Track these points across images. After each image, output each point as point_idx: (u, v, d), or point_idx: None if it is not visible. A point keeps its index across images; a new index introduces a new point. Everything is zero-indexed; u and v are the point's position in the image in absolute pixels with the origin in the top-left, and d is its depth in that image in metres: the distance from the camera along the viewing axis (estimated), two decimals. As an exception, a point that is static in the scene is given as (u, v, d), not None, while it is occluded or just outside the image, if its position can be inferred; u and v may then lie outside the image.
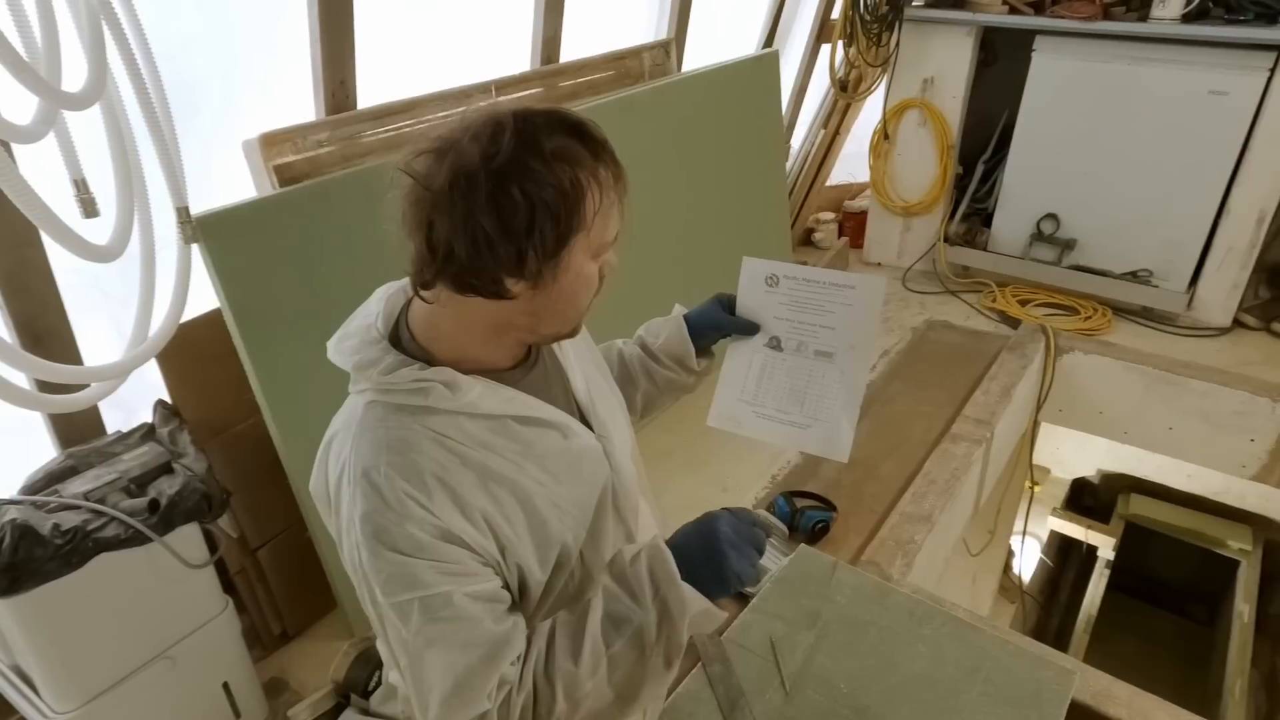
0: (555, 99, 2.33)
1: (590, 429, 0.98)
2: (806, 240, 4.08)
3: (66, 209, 1.25)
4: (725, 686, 1.49)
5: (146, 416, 1.68)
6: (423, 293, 0.84)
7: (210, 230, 1.50)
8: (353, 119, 1.82)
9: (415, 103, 1.94)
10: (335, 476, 0.84)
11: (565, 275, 0.82)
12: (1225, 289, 3.07)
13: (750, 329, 1.22)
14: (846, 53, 3.35)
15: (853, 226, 4.04)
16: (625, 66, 2.59)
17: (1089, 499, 4.68)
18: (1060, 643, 4.18)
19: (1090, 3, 2.97)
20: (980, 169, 3.58)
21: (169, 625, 1.55)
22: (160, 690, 1.54)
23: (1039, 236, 3.33)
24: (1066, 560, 4.97)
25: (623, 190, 0.85)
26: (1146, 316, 3.23)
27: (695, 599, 0.86)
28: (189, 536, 1.51)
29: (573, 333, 0.92)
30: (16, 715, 1.52)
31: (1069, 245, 3.28)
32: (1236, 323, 3.13)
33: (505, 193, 0.75)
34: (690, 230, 2.72)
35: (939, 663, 1.53)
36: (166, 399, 1.71)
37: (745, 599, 1.75)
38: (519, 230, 0.76)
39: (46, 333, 1.47)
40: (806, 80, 3.59)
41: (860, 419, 1.19)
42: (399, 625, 0.80)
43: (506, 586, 0.87)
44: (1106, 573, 4.32)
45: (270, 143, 1.67)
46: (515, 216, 0.76)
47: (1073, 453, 4.54)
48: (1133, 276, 3.19)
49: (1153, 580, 4.78)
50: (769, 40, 3.27)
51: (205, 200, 1.52)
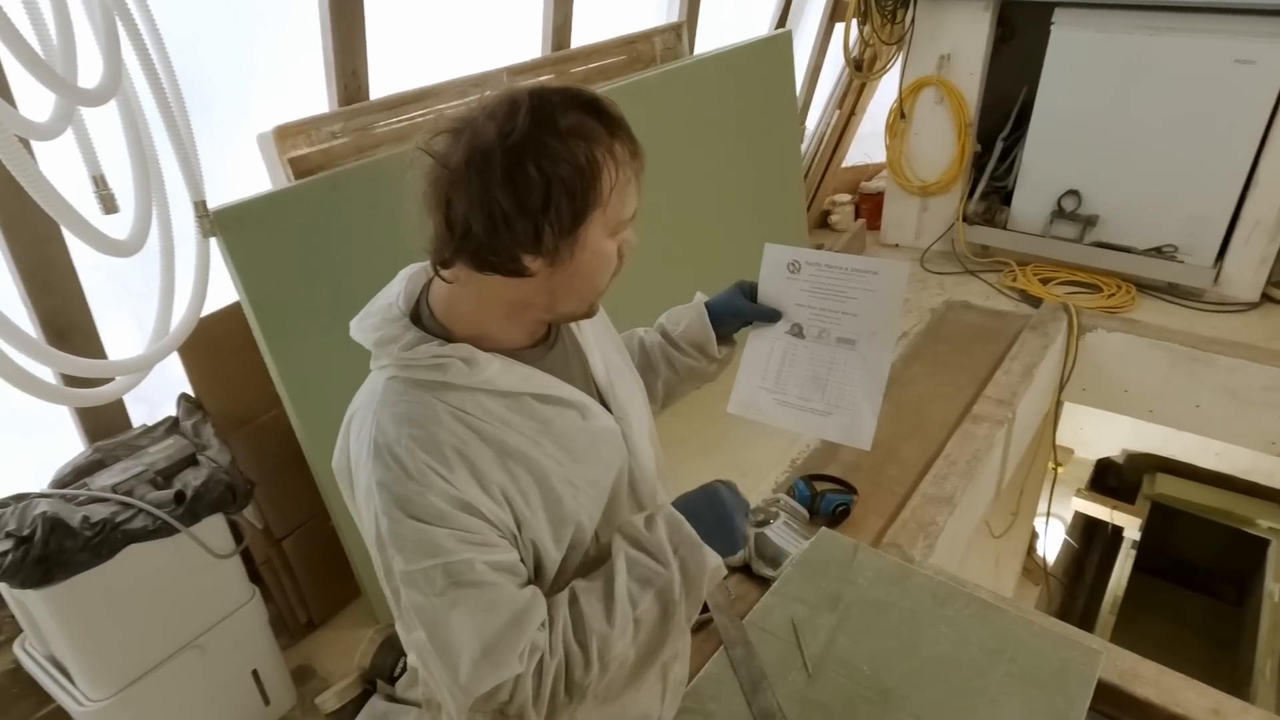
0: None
1: (609, 411, 0.98)
2: (823, 223, 4.04)
3: (86, 205, 1.26)
4: (747, 669, 1.49)
5: (170, 410, 1.71)
6: (442, 272, 0.84)
7: (227, 224, 1.51)
8: (366, 109, 1.83)
9: (428, 92, 1.94)
10: (356, 450, 0.85)
11: (583, 253, 0.82)
12: (1253, 263, 3.01)
13: (772, 316, 1.21)
14: (861, 31, 3.30)
15: (869, 208, 4.00)
16: (637, 51, 2.57)
17: (1114, 479, 4.63)
18: (1086, 625, 4.14)
19: (1111, -27, 2.90)
20: (999, 146, 3.52)
21: (198, 614, 1.58)
22: (191, 678, 1.57)
23: (1060, 213, 3.28)
24: (1091, 541, 4.92)
25: (640, 167, 0.85)
26: (1172, 293, 3.17)
27: (711, 556, 0.92)
28: (215, 527, 1.53)
29: (590, 311, 0.92)
30: (53, 704, 1.56)
31: (1091, 222, 3.22)
32: (1265, 297, 3.07)
33: (521, 169, 0.76)
34: (705, 214, 2.71)
35: (962, 644, 1.52)
36: (189, 392, 1.73)
37: (766, 583, 1.75)
38: (535, 207, 0.77)
39: (70, 328, 1.49)
40: (820, 60, 3.54)
41: (883, 393, 1.18)
42: (422, 592, 0.81)
43: (523, 561, 0.88)
44: (1133, 553, 4.27)
45: (284, 135, 1.67)
46: (531, 193, 0.76)
47: (1097, 432, 4.48)
48: (1157, 252, 3.13)
49: (1180, 560, 4.72)
50: (782, 20, 3.23)
51: (222, 194, 1.54)
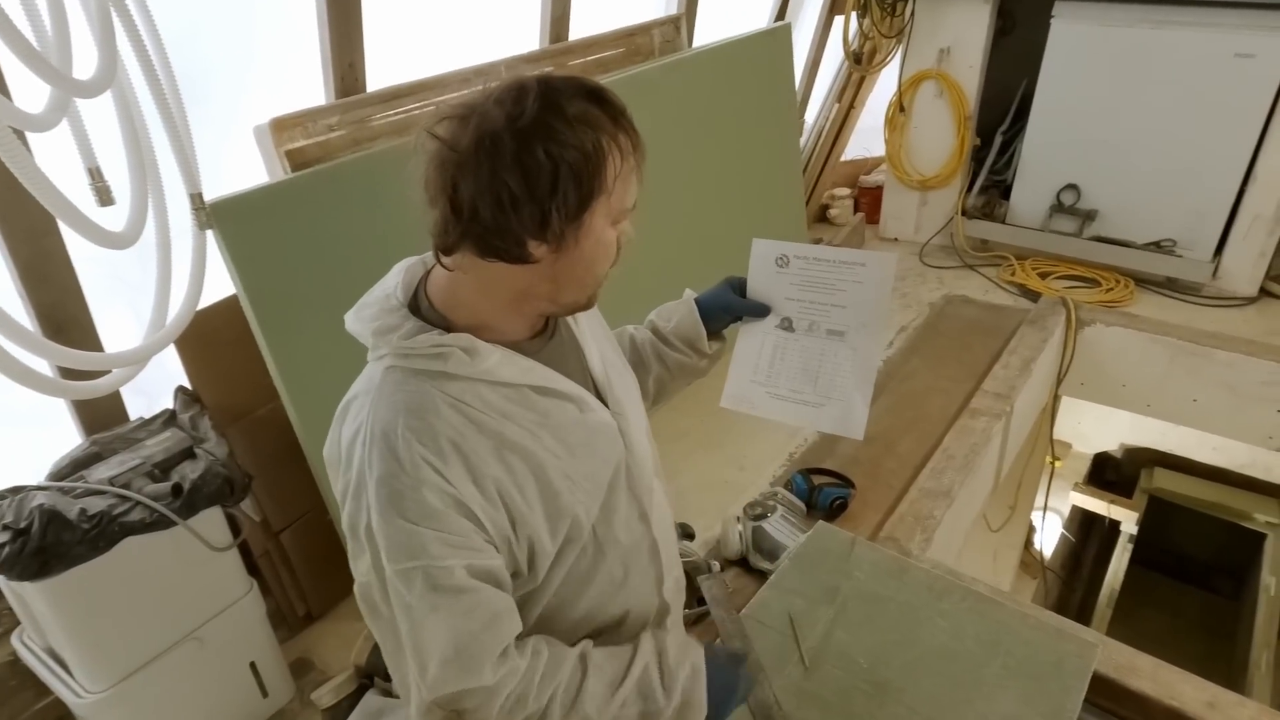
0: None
1: (606, 406, 0.98)
2: (822, 217, 4.03)
3: (82, 198, 1.26)
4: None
5: (168, 403, 1.70)
6: (445, 259, 0.84)
7: (224, 216, 1.51)
8: (363, 102, 1.82)
9: (425, 84, 1.94)
10: (350, 435, 0.85)
11: (587, 239, 0.83)
12: (1252, 257, 3.00)
13: (761, 310, 1.22)
14: (860, 24, 3.29)
15: (868, 202, 4.00)
16: (635, 43, 2.57)
17: (1111, 473, 4.64)
18: (1083, 618, 4.16)
19: (1111, -35, 2.89)
20: (998, 140, 3.52)
21: (196, 607, 1.58)
22: (189, 670, 1.57)
23: (1059, 208, 3.27)
24: (1089, 535, 4.93)
25: (641, 159, 0.85)
26: (1170, 287, 3.17)
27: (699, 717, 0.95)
28: (212, 520, 1.54)
29: (590, 302, 0.92)
30: (51, 696, 1.56)
31: (1090, 216, 3.22)
32: (1263, 292, 3.07)
33: (530, 153, 0.76)
34: (704, 208, 2.70)
35: (959, 637, 1.53)
36: (187, 385, 1.73)
37: (764, 576, 1.75)
38: (543, 190, 0.77)
39: (67, 321, 1.49)
40: (820, 53, 3.53)
41: (878, 395, 1.19)
42: (402, 590, 0.81)
43: (509, 566, 0.88)
44: (1130, 547, 4.29)
45: (281, 128, 1.67)
46: (540, 177, 0.76)
47: (1094, 427, 4.49)
48: (1156, 247, 3.13)
49: (1177, 554, 4.74)
50: (781, 13, 3.22)
51: (218, 187, 1.53)
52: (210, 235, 1.52)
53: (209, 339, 1.67)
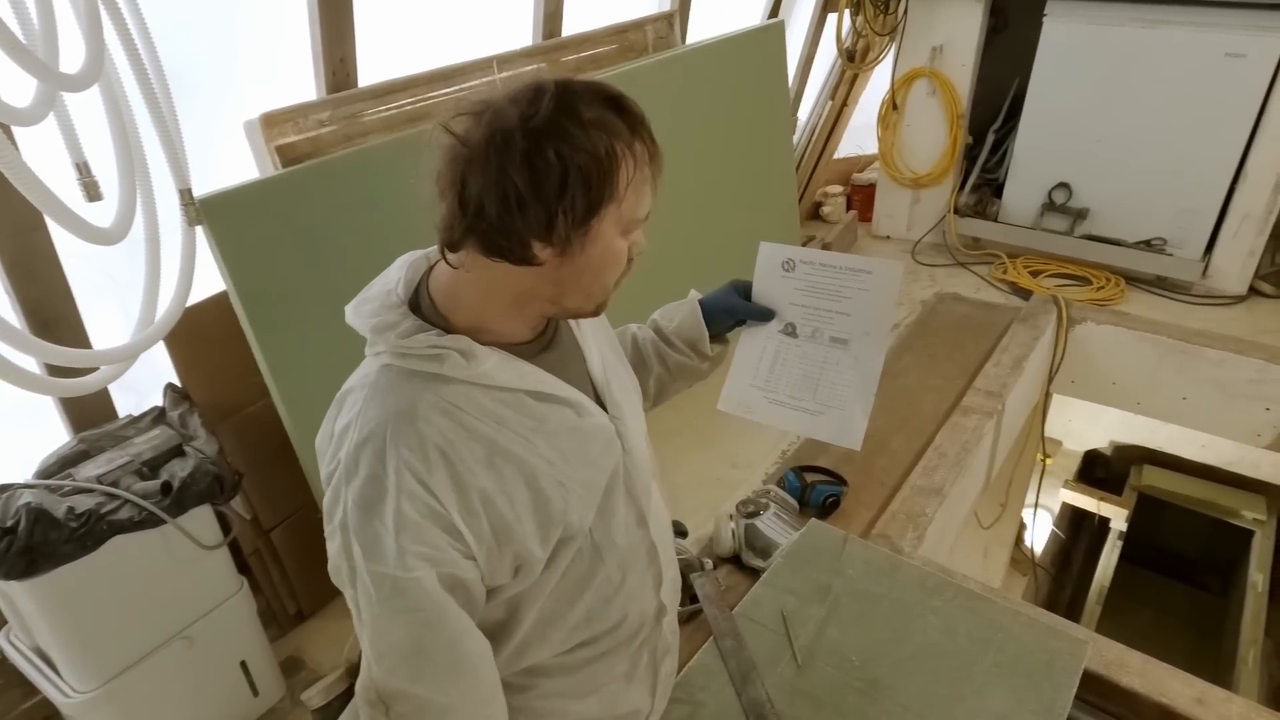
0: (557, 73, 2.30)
1: (604, 409, 0.97)
2: (814, 214, 4.04)
3: (70, 193, 1.25)
4: (737, 660, 1.50)
5: (157, 400, 1.69)
6: (449, 255, 0.83)
7: (214, 212, 1.50)
8: (354, 97, 1.81)
9: (417, 80, 1.93)
10: (341, 428, 0.85)
11: (594, 246, 0.82)
12: (1241, 256, 3.02)
13: (765, 315, 1.20)
14: (853, 22, 3.29)
15: (861, 199, 4.00)
16: (628, 40, 2.56)
17: (1101, 471, 4.67)
18: (1073, 614, 4.18)
19: (1103, -35, 2.90)
20: (991, 138, 3.53)
21: (185, 606, 1.57)
22: (179, 669, 1.56)
23: (1051, 206, 3.28)
24: (1079, 532, 4.96)
25: (658, 169, 0.84)
26: (1160, 286, 3.19)
27: None
28: (202, 518, 1.52)
29: (596, 310, 0.91)
30: (39, 695, 1.55)
31: (1081, 215, 3.23)
32: (1252, 290, 3.09)
33: (540, 153, 0.75)
34: (696, 205, 2.70)
35: (950, 634, 1.53)
36: (176, 382, 1.72)
37: (756, 574, 1.75)
38: (551, 192, 0.76)
39: (54, 317, 1.48)
40: (813, 51, 3.53)
41: (874, 393, 1.18)
42: (370, 588, 0.82)
43: (488, 577, 0.87)
44: (1119, 544, 4.31)
45: (271, 123, 1.66)
46: (548, 178, 0.76)
47: (1085, 424, 4.51)
48: (1146, 245, 3.14)
49: (1166, 551, 4.77)
50: (774, 11, 3.21)
51: (208, 182, 1.52)
52: (200, 231, 1.50)
53: (198, 336, 1.66)
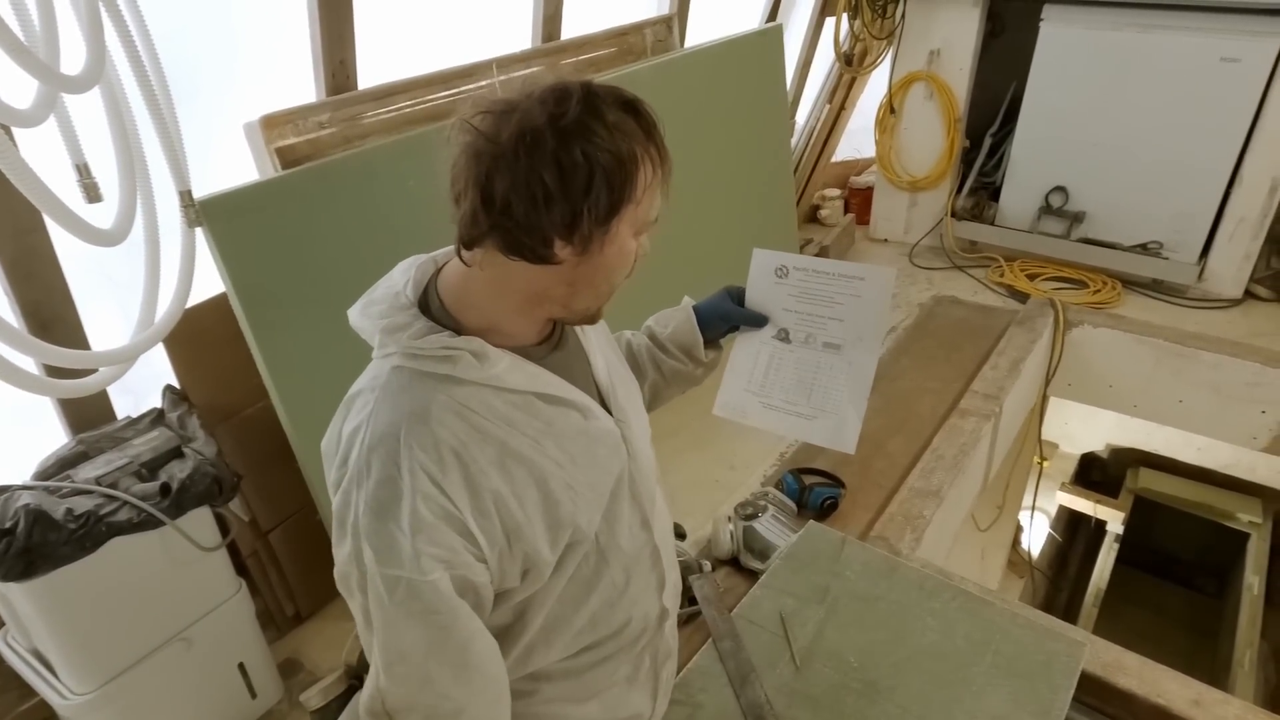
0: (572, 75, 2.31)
1: (610, 413, 0.98)
2: (812, 217, 4.05)
3: (70, 194, 1.25)
4: (736, 661, 1.50)
5: (156, 402, 1.69)
6: (465, 254, 0.83)
7: (213, 214, 1.50)
8: (354, 99, 1.81)
9: (416, 82, 1.93)
10: (350, 431, 0.84)
11: (611, 246, 0.83)
12: (1237, 260, 3.04)
13: (759, 320, 1.21)
14: (851, 26, 3.30)
15: (858, 203, 4.01)
16: (627, 43, 2.57)
17: (1098, 473, 4.67)
18: (1069, 617, 4.18)
19: (1099, -30, 2.92)
20: (988, 142, 3.54)
21: (183, 607, 1.57)
22: (177, 671, 1.56)
23: (1047, 210, 3.30)
24: (1075, 535, 4.97)
25: (668, 173, 0.85)
26: (1157, 289, 3.20)
27: None
28: (200, 520, 1.52)
29: (599, 313, 0.92)
30: (37, 697, 1.55)
31: (1078, 218, 3.24)
32: (1248, 294, 3.10)
33: (568, 152, 0.76)
34: (694, 208, 2.71)
35: (948, 636, 1.54)
36: (175, 384, 1.72)
37: (754, 576, 1.76)
38: (578, 191, 0.77)
39: (54, 318, 1.48)
40: (811, 55, 3.54)
41: (867, 398, 1.19)
42: (383, 592, 0.81)
43: (497, 581, 0.88)
44: (1115, 547, 4.32)
45: (271, 125, 1.66)
46: (575, 176, 0.76)
47: (1081, 427, 4.52)
48: (1143, 249, 3.16)
49: (1162, 554, 4.78)
50: (773, 14, 3.22)
51: (208, 184, 1.52)
52: (199, 233, 1.50)
53: (198, 337, 1.66)
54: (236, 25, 1.68)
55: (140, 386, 1.69)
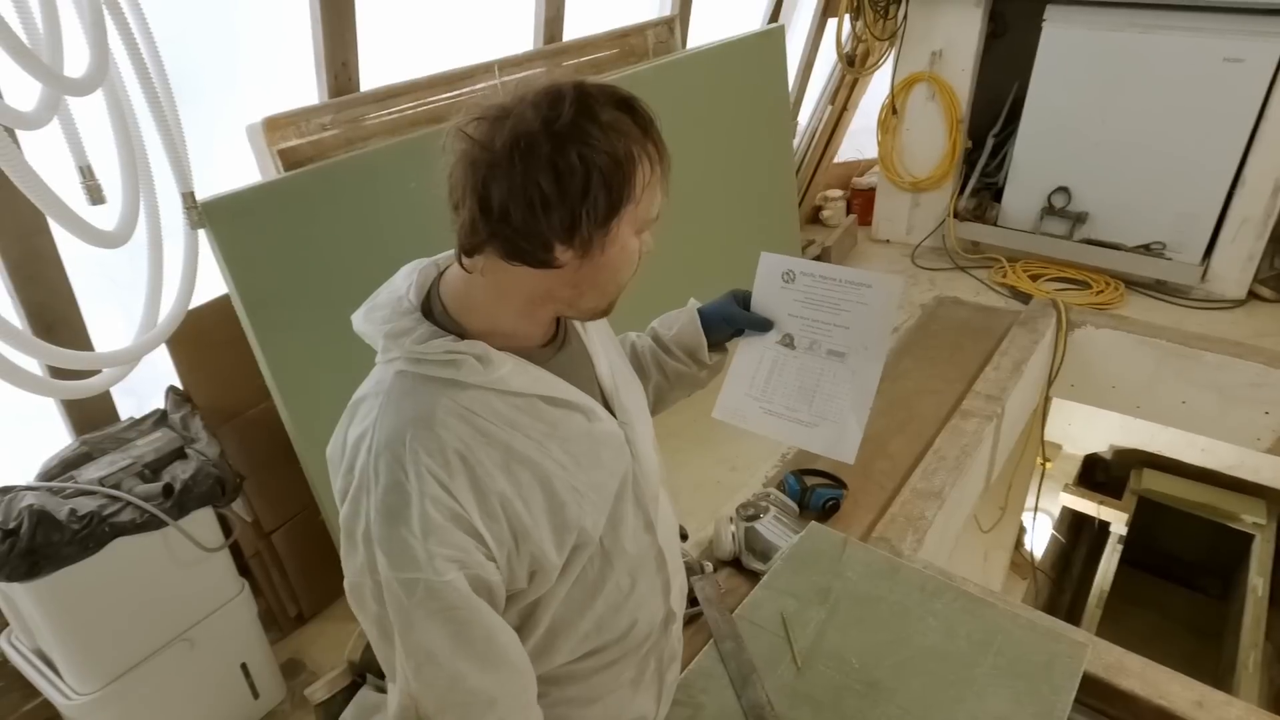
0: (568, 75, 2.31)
1: (614, 415, 0.98)
2: (814, 218, 4.05)
3: (73, 196, 1.25)
4: (737, 662, 1.50)
5: (159, 403, 1.70)
6: (466, 260, 0.83)
7: (216, 215, 1.50)
8: (356, 101, 1.82)
9: (419, 84, 1.93)
10: (355, 437, 0.84)
11: (613, 246, 0.82)
12: (1240, 260, 3.03)
13: (764, 325, 1.20)
14: (853, 26, 3.30)
15: (861, 203, 4.01)
16: (629, 44, 2.57)
17: (1101, 474, 4.66)
18: (1072, 618, 4.17)
19: (1102, -30, 2.91)
20: (990, 143, 3.53)
21: (186, 608, 1.57)
22: (179, 672, 1.57)
23: (1050, 210, 3.29)
24: (1079, 536, 4.96)
25: (666, 169, 0.85)
26: (1160, 290, 3.19)
27: None
28: (203, 520, 1.53)
29: (608, 309, 0.91)
30: (40, 697, 1.55)
31: (1080, 219, 3.24)
32: (1251, 294, 3.09)
33: (564, 156, 0.76)
34: (697, 209, 2.71)
35: (950, 637, 1.53)
36: (178, 385, 1.72)
37: (756, 576, 1.76)
38: (575, 194, 0.77)
39: (57, 320, 1.48)
40: (813, 55, 3.54)
41: (870, 407, 1.17)
42: (402, 596, 0.81)
43: (507, 582, 0.88)
44: (1119, 548, 4.31)
45: (274, 127, 1.66)
46: (572, 180, 0.76)
47: (1084, 428, 4.51)
48: (1146, 249, 3.15)
49: (1166, 555, 4.77)
50: (774, 15, 3.22)
51: (210, 185, 1.52)
52: (202, 234, 1.51)
53: (200, 339, 1.67)
54: (239, 27, 1.69)
55: (143, 388, 1.70)
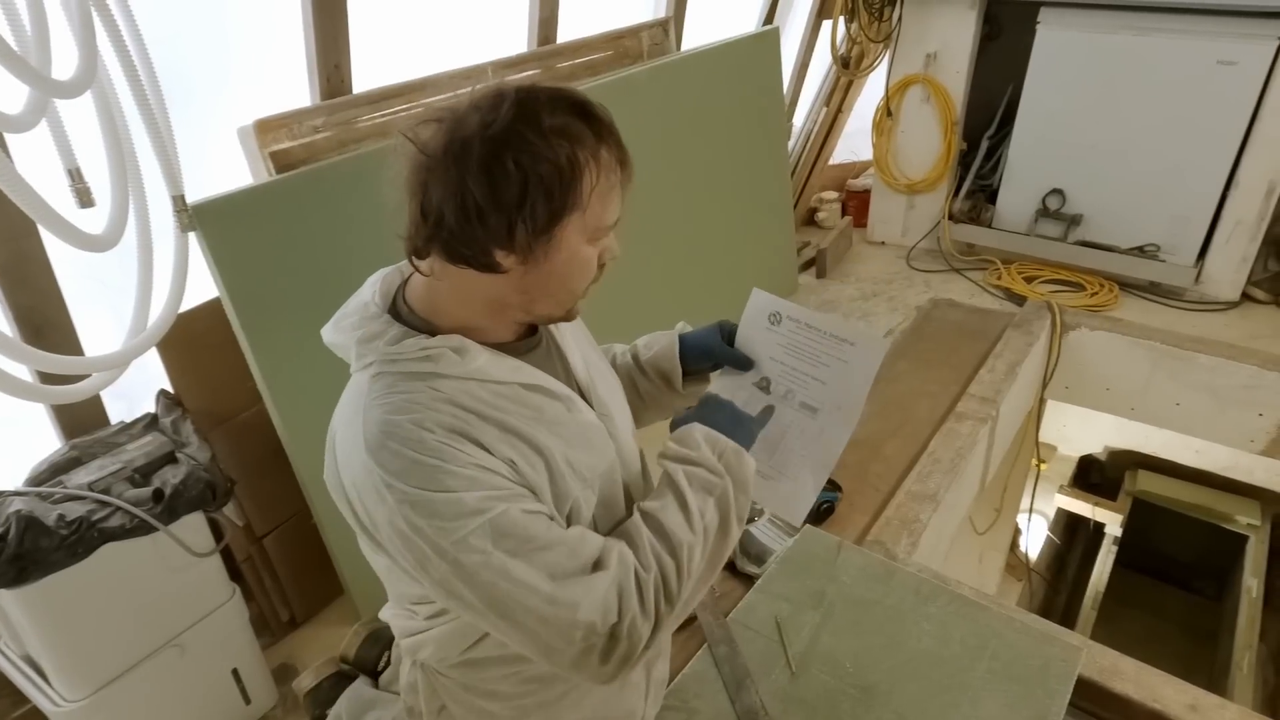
0: (553, 81, 2.30)
1: (591, 408, 0.97)
2: (810, 220, 4.05)
3: (62, 199, 1.24)
4: (731, 667, 1.49)
5: (149, 407, 1.68)
6: (418, 262, 0.83)
7: (207, 218, 1.49)
8: (348, 104, 1.81)
9: (411, 86, 1.93)
10: (347, 456, 0.83)
11: (558, 254, 0.82)
12: (1234, 262, 3.04)
13: (744, 363, 1.15)
14: (848, 28, 3.30)
15: (856, 205, 4.01)
16: (624, 46, 2.56)
17: (1096, 476, 4.67)
18: (1068, 620, 4.18)
19: (1096, -27, 2.92)
20: (985, 145, 3.54)
21: (177, 613, 1.56)
22: (170, 678, 1.56)
23: (1044, 212, 3.30)
24: (1074, 537, 4.96)
25: (628, 177, 0.84)
26: (1154, 291, 3.20)
27: (749, 459, 0.97)
28: (194, 525, 1.52)
29: (568, 316, 0.91)
30: (29, 704, 1.54)
31: (1075, 221, 3.25)
32: (1245, 296, 3.10)
33: (499, 162, 0.75)
34: (691, 211, 2.70)
35: (945, 641, 1.53)
36: (168, 389, 1.71)
37: (750, 580, 1.75)
38: (510, 202, 0.76)
39: (46, 324, 1.47)
40: (808, 57, 3.55)
41: (830, 471, 1.13)
42: (476, 553, 0.78)
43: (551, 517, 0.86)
44: (1114, 549, 4.31)
45: (265, 129, 1.65)
46: (506, 187, 0.75)
47: (1079, 430, 4.52)
48: (1140, 251, 3.16)
49: (1160, 556, 4.77)
50: (769, 17, 3.22)
51: (201, 188, 1.51)
52: (193, 237, 1.50)
53: (191, 342, 1.66)
54: (230, 29, 1.68)
55: (134, 391, 1.69)
